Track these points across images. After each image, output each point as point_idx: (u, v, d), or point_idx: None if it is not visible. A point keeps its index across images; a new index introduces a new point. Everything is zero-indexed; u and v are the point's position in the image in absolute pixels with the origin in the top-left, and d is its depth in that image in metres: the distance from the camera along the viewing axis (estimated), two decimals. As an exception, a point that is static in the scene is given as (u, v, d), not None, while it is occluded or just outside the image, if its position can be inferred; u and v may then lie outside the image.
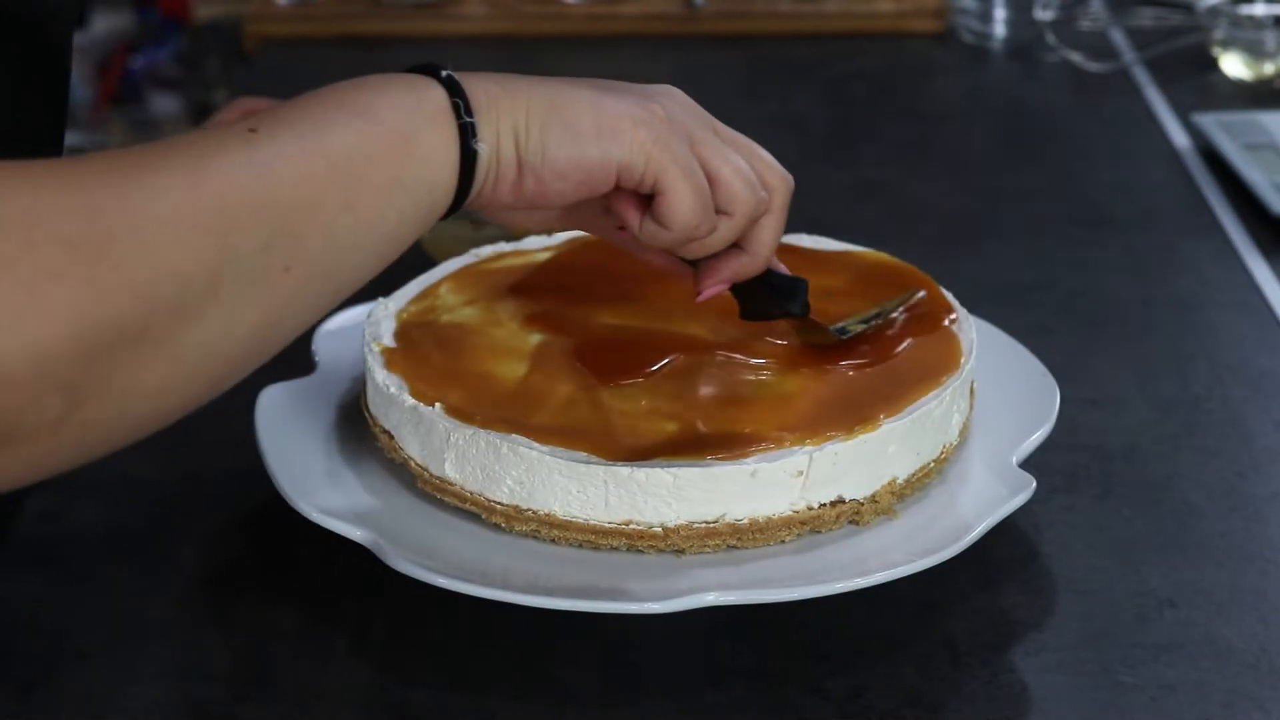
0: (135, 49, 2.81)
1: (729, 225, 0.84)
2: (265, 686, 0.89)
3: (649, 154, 0.81)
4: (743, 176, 0.84)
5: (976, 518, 0.92)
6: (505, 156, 0.79)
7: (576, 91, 0.81)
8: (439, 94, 0.78)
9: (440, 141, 0.77)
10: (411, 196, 0.77)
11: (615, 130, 0.80)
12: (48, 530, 1.01)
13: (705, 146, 0.83)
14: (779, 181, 0.87)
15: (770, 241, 0.88)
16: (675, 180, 0.81)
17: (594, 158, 0.80)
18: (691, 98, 0.87)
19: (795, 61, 1.87)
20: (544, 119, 0.79)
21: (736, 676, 0.89)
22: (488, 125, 0.79)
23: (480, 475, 0.92)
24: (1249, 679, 0.89)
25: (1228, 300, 1.30)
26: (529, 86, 0.80)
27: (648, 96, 0.82)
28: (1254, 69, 1.74)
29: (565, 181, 0.80)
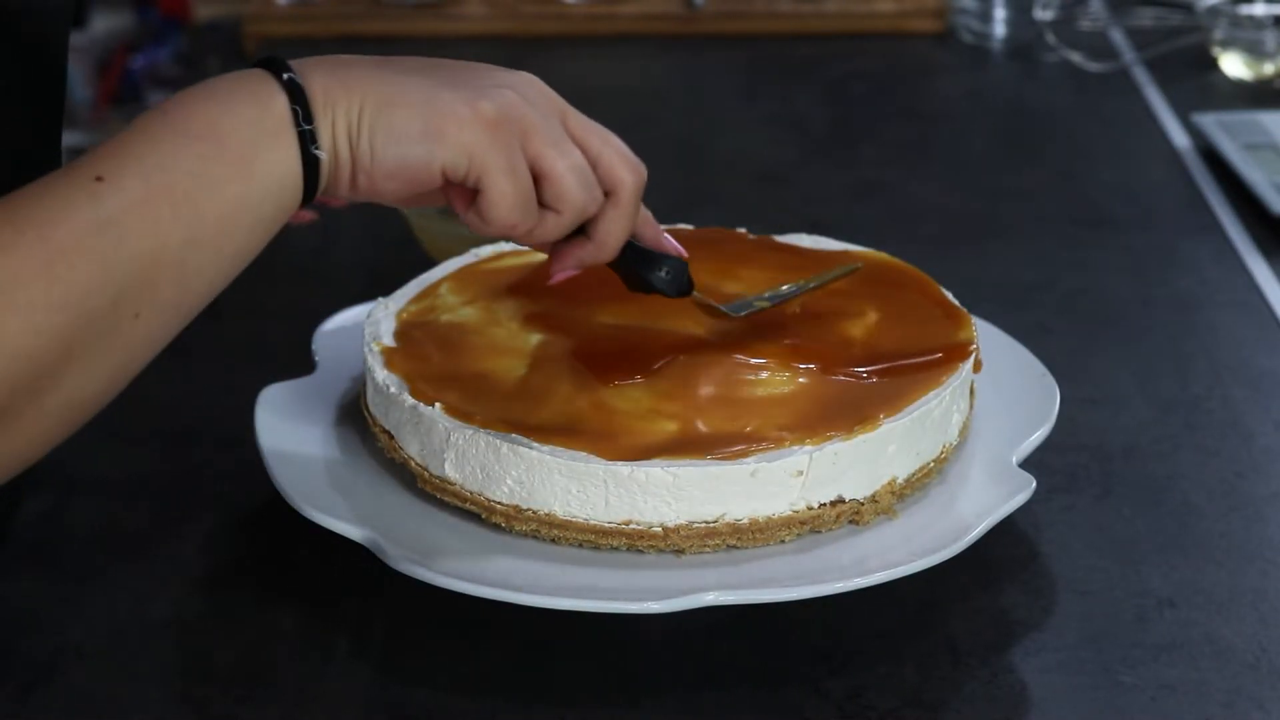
0: (135, 49, 2.81)
1: (557, 221, 0.85)
2: (265, 686, 0.89)
3: (471, 154, 0.82)
4: (575, 174, 0.84)
5: (976, 518, 0.92)
6: (341, 156, 0.81)
7: (410, 89, 0.82)
8: (280, 102, 0.79)
9: (282, 155, 0.79)
10: (255, 212, 0.79)
11: (440, 132, 0.81)
12: (48, 530, 1.01)
13: (539, 142, 0.83)
14: (628, 175, 0.87)
15: (616, 234, 0.88)
16: (494, 180, 0.82)
17: (419, 158, 0.81)
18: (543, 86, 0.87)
19: (795, 61, 1.87)
20: (373, 119, 0.81)
21: (736, 676, 0.89)
22: (324, 126, 0.80)
23: (480, 475, 0.92)
24: (1249, 679, 0.89)
25: (1228, 300, 1.30)
26: (366, 81, 0.81)
27: (480, 93, 0.82)
28: (1254, 69, 1.74)
29: (394, 180, 0.82)
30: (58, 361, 0.74)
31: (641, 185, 0.88)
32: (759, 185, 1.56)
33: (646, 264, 0.93)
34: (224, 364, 1.20)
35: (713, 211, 1.44)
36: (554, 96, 0.86)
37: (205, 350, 1.23)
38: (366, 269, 1.29)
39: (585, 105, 0.85)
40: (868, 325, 1.01)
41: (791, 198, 1.53)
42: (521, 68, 0.86)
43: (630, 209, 0.88)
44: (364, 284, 1.22)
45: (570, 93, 1.96)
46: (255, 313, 1.27)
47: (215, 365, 1.20)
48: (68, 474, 1.05)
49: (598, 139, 0.87)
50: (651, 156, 1.69)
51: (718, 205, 1.50)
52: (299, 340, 1.10)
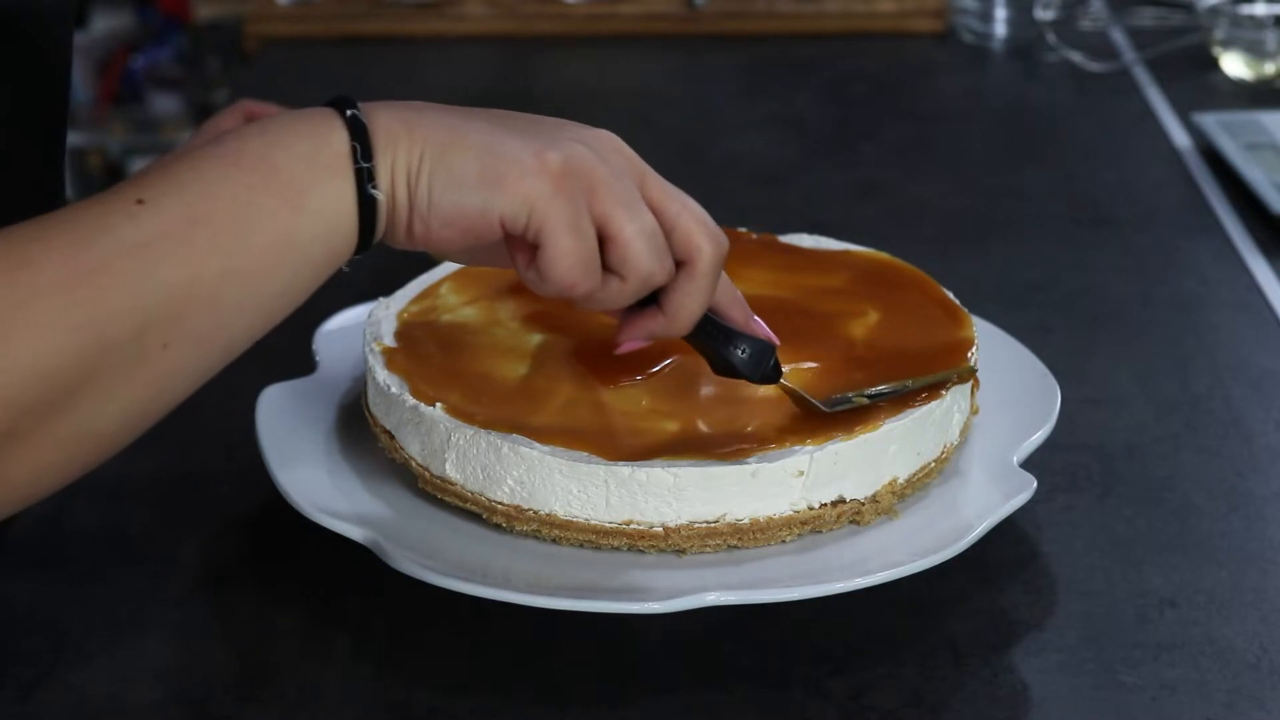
0: (135, 49, 2.81)
1: (620, 287, 0.81)
2: (265, 686, 0.89)
3: (532, 206, 0.78)
4: (644, 239, 0.80)
5: (977, 518, 0.92)
6: (399, 199, 0.78)
7: (474, 134, 0.78)
8: (340, 137, 0.77)
9: (336, 191, 0.76)
10: (303, 252, 0.76)
11: (500, 179, 0.77)
12: (47, 530, 1.01)
13: (609, 202, 0.79)
14: (706, 244, 0.83)
15: (690, 307, 0.83)
16: (554, 236, 0.78)
17: (475, 207, 0.78)
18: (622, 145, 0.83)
19: (795, 61, 1.87)
20: (433, 163, 0.77)
21: (736, 676, 0.89)
22: (384, 166, 0.77)
23: (481, 475, 0.92)
24: (1250, 678, 0.89)
25: (1228, 300, 1.30)
26: (431, 123, 0.78)
27: (551, 143, 0.79)
28: (1254, 69, 1.74)
29: (451, 229, 0.78)
30: (74, 384, 0.71)
31: (722, 257, 0.83)
32: (759, 185, 1.56)
33: (724, 342, 0.88)
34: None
35: (713, 211, 1.43)
36: (633, 157, 0.83)
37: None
38: (367, 269, 1.29)
39: (585, 105, 0.85)
40: (868, 325, 1.01)
41: (791, 198, 1.53)
42: (521, 67, 0.86)
43: (707, 282, 0.83)
44: (364, 284, 1.22)
45: (570, 93, 1.97)
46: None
47: (215, 365, 1.20)
48: (68, 474, 1.05)
49: (676, 204, 0.82)
50: (652, 156, 1.69)
51: (718, 205, 1.49)
52: (299, 340, 1.10)
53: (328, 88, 1.94)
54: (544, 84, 1.82)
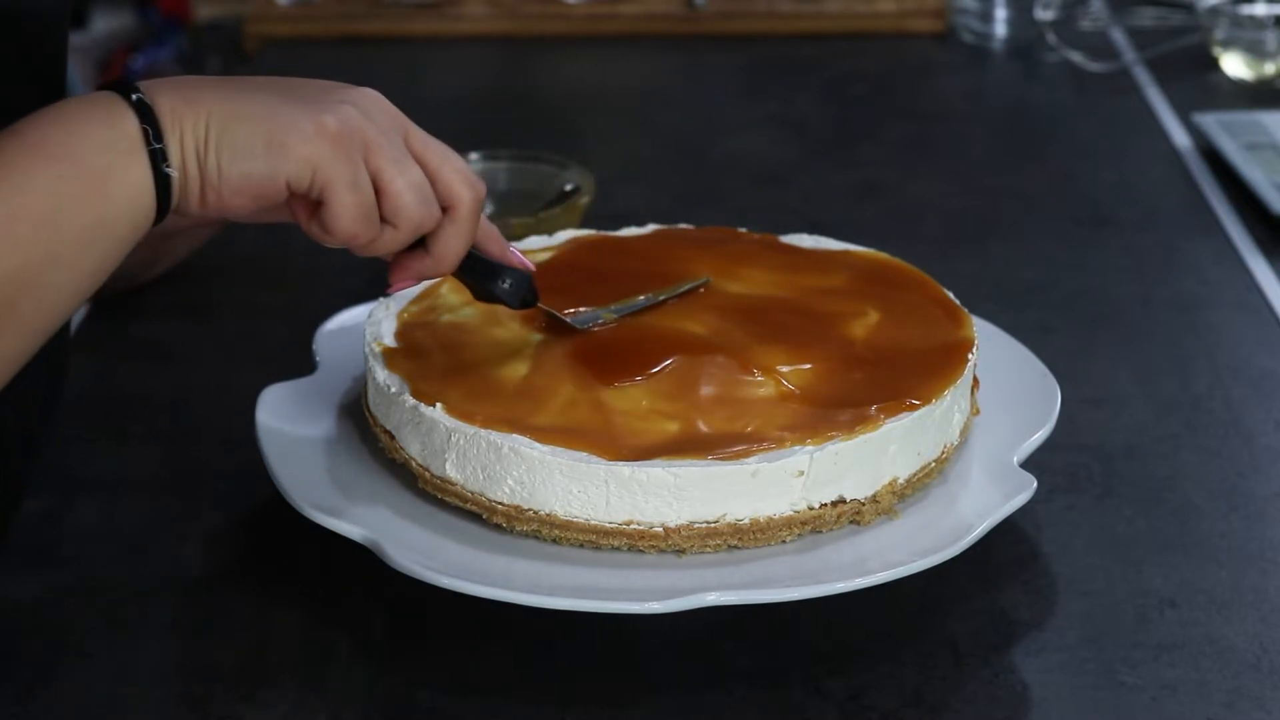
0: (135, 49, 2.81)
1: (394, 235, 0.86)
2: (265, 686, 0.89)
3: (315, 168, 0.83)
4: (413, 190, 0.85)
5: (977, 518, 0.92)
6: (190, 173, 0.82)
7: (254, 104, 0.83)
8: (131, 122, 0.81)
9: (135, 174, 0.81)
10: (113, 233, 0.81)
11: (283, 146, 0.82)
12: (48, 530, 1.01)
13: (380, 158, 0.85)
14: (466, 191, 0.88)
15: (454, 248, 0.89)
16: (337, 193, 0.83)
17: (263, 173, 0.82)
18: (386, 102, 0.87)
19: (795, 61, 1.87)
20: (218, 136, 0.82)
21: (736, 676, 0.89)
22: (174, 144, 0.82)
23: (481, 475, 0.92)
24: (1250, 678, 0.89)
25: (1228, 300, 1.30)
26: (211, 99, 0.83)
27: (323, 107, 0.84)
28: (1254, 69, 1.74)
29: (241, 195, 0.83)
30: None
31: (479, 201, 0.89)
32: (759, 185, 1.56)
33: (489, 276, 0.94)
34: (224, 364, 1.20)
35: (713, 211, 1.44)
36: (396, 113, 0.87)
37: (205, 350, 1.23)
38: (367, 269, 1.29)
39: (585, 105, 0.85)
40: (869, 325, 1.01)
41: (791, 198, 1.53)
42: (521, 68, 0.87)
43: (468, 225, 0.88)
44: (364, 284, 1.22)
45: (570, 93, 1.97)
46: (255, 313, 1.28)
47: (215, 365, 1.20)
48: (68, 474, 1.06)
49: (437, 156, 0.87)
50: (651, 156, 1.70)
51: (718, 205, 1.50)
52: (299, 340, 1.10)
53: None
54: (544, 84, 1.82)
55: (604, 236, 1.13)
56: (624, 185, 1.49)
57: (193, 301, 1.29)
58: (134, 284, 1.27)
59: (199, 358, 1.21)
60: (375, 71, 1.87)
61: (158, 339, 1.24)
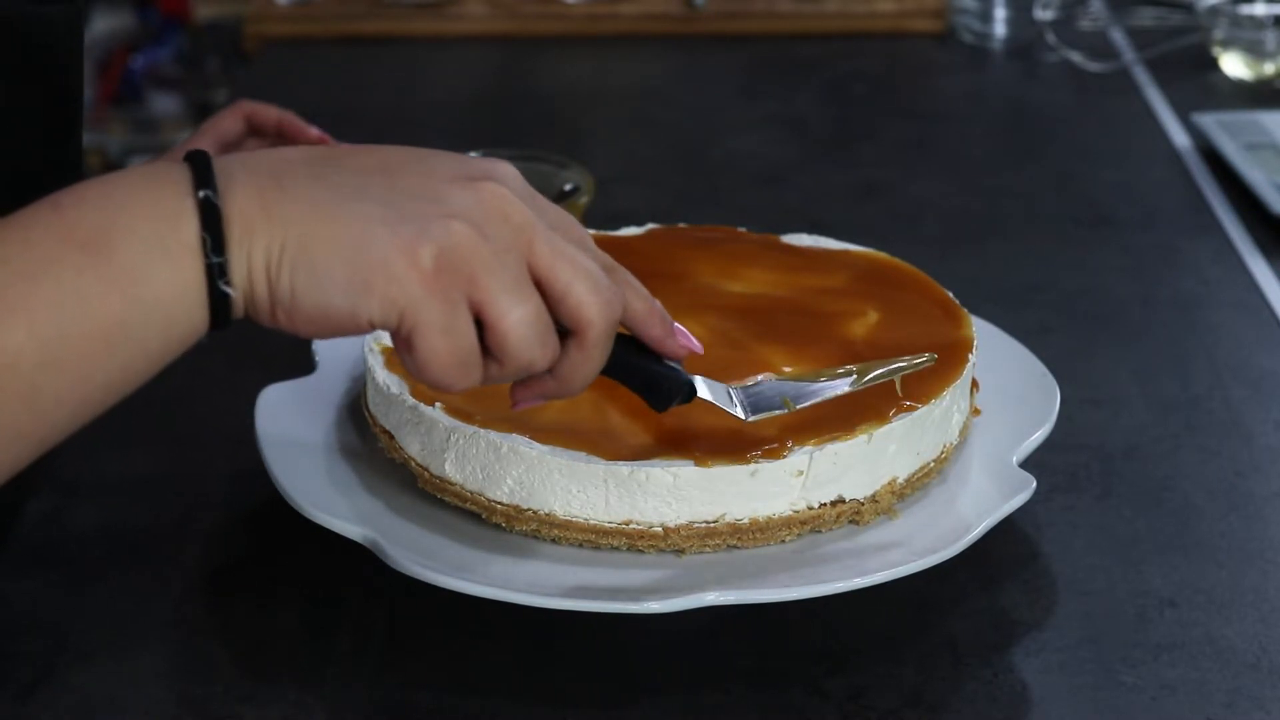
0: (135, 49, 2.81)
1: (499, 371, 0.76)
2: (265, 686, 0.89)
3: (402, 312, 0.72)
4: (526, 327, 0.74)
5: (977, 518, 0.92)
6: (258, 292, 0.72)
7: (343, 223, 0.71)
8: (189, 223, 0.69)
9: (178, 282, 0.70)
10: (138, 343, 0.70)
11: (367, 285, 0.71)
12: (48, 530, 1.01)
13: (489, 289, 0.72)
14: (597, 316, 0.75)
15: (583, 375, 0.78)
16: (426, 340, 0.72)
17: (342, 309, 0.72)
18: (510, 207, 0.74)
19: (795, 61, 1.87)
20: (294, 258, 0.71)
21: (736, 676, 0.89)
22: (239, 259, 0.70)
23: (480, 475, 0.92)
24: (1250, 678, 0.89)
25: (1228, 300, 1.30)
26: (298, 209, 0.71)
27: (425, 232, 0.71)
28: (1254, 69, 1.74)
29: (316, 326, 0.72)
30: None
31: (615, 323, 0.77)
32: (759, 185, 1.56)
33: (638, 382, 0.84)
34: (224, 364, 1.20)
35: (713, 211, 1.44)
36: (522, 219, 0.74)
37: (205, 350, 1.22)
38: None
39: (585, 105, 0.84)
40: (868, 325, 1.01)
41: (791, 198, 1.53)
42: (522, 68, 0.86)
43: (598, 352, 0.77)
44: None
45: (570, 93, 1.96)
46: (255, 313, 1.27)
47: (215, 365, 1.20)
48: (68, 474, 1.06)
49: (568, 270, 0.75)
50: (652, 156, 1.70)
51: (718, 205, 1.50)
52: (299, 340, 1.10)
53: (328, 88, 1.95)
54: (544, 84, 1.82)
55: (604, 236, 1.13)
56: (624, 185, 1.49)
57: (192, 301, 1.29)
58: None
59: (199, 358, 1.21)
60: (375, 72, 1.87)
61: (157, 339, 1.24)
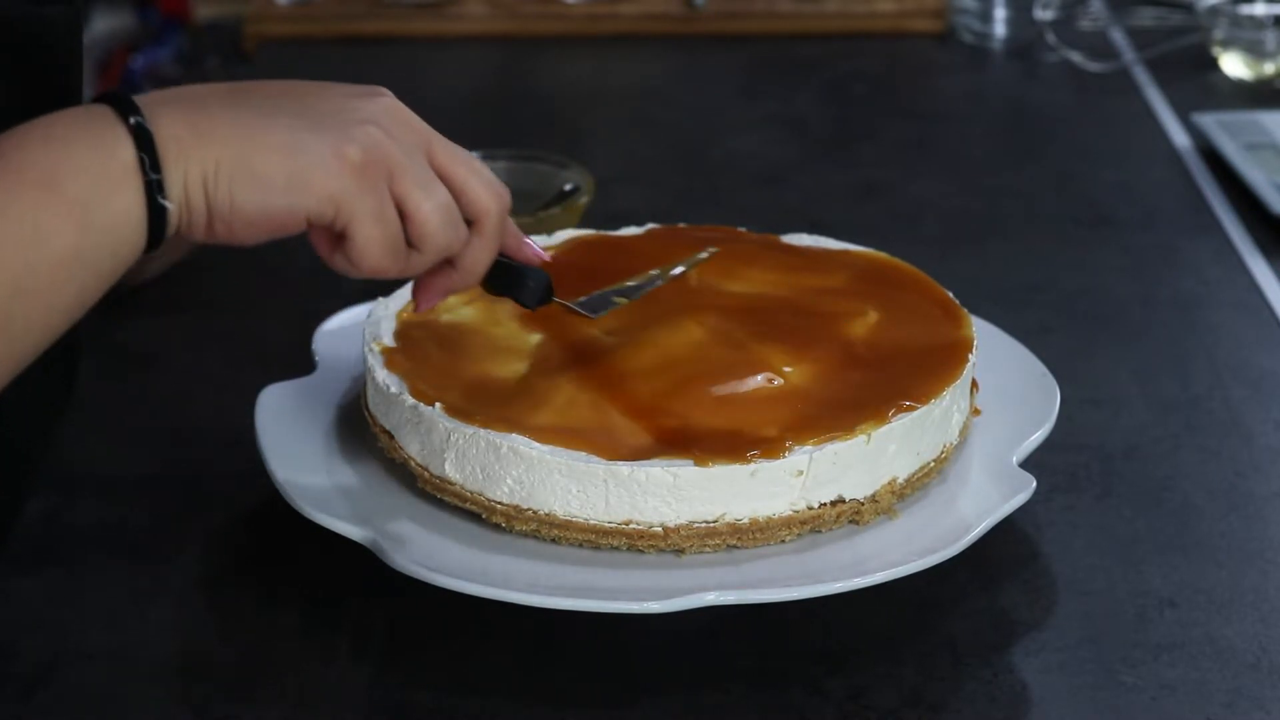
0: (135, 49, 2.81)
1: (420, 260, 0.83)
2: (265, 686, 0.89)
3: (338, 204, 0.79)
4: (441, 213, 0.82)
5: (977, 517, 0.92)
6: (195, 205, 0.77)
7: (271, 132, 0.78)
8: (126, 149, 0.75)
9: (124, 204, 0.75)
10: (91, 267, 0.75)
11: (305, 182, 0.78)
12: (48, 530, 1.01)
13: (405, 182, 0.81)
14: (493, 204, 0.84)
15: (482, 261, 0.86)
16: (362, 227, 0.80)
17: (282, 208, 0.78)
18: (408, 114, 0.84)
19: (795, 61, 1.87)
20: (232, 169, 0.77)
21: (736, 676, 0.89)
22: (175, 176, 0.76)
23: (480, 475, 0.92)
24: (1249, 678, 0.89)
25: (1228, 300, 1.30)
26: (225, 130, 0.77)
27: (346, 134, 0.79)
28: (1254, 69, 1.74)
29: (255, 229, 0.78)
30: None
31: (505, 211, 0.86)
32: (759, 185, 1.56)
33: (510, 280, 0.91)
34: (224, 364, 1.20)
35: (713, 211, 1.44)
36: (419, 125, 0.83)
37: (205, 350, 1.23)
38: (366, 269, 1.29)
39: (585, 105, 0.85)
40: (868, 325, 1.01)
41: (791, 198, 1.53)
42: (522, 68, 0.86)
43: (495, 236, 0.86)
44: (364, 284, 1.22)
45: (570, 93, 1.96)
46: (255, 313, 1.28)
47: (215, 365, 1.20)
48: (68, 474, 1.05)
49: (463, 169, 0.84)
50: (652, 156, 1.70)
51: (718, 205, 1.50)
52: (299, 340, 1.10)
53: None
54: (544, 84, 1.82)
55: (603, 236, 1.13)
56: (624, 185, 1.49)
57: (192, 301, 1.29)
58: (131, 283, 1.27)
59: (199, 358, 1.22)
60: (375, 71, 1.87)
61: (157, 339, 1.24)
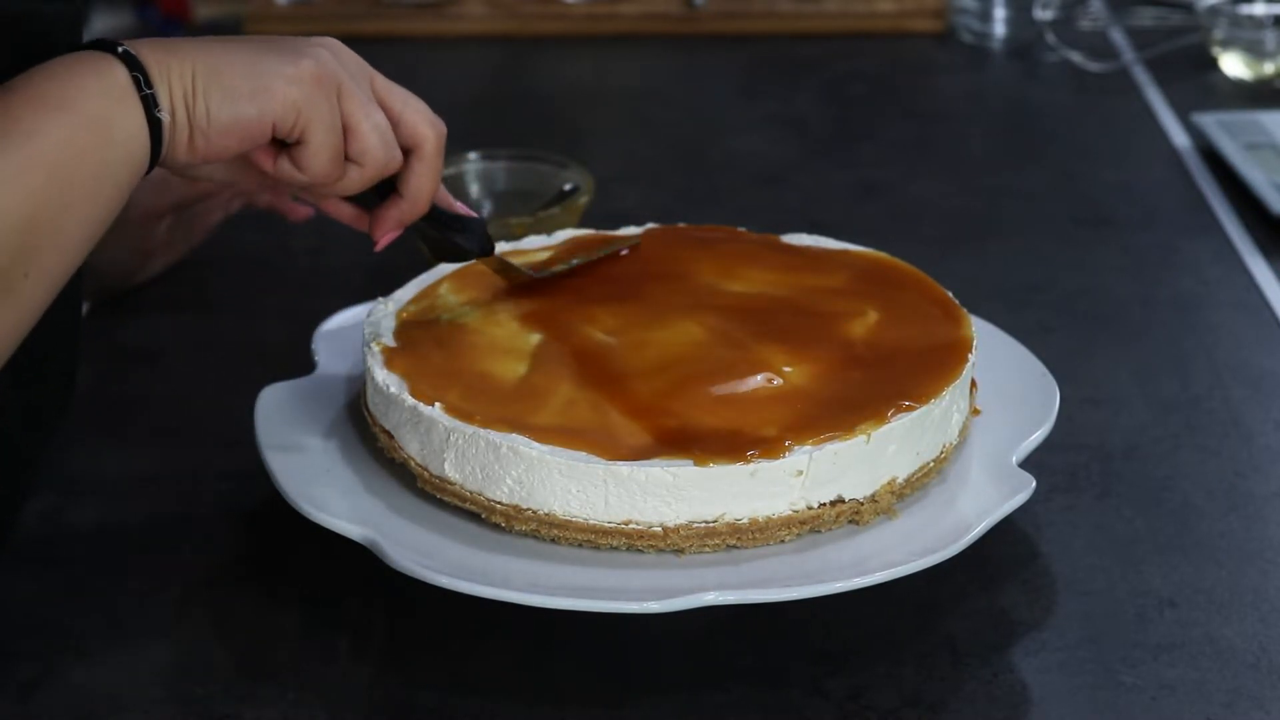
0: (135, 49, 2.80)
1: (360, 174, 0.90)
2: (265, 686, 0.89)
3: (299, 109, 0.87)
4: (379, 133, 0.90)
5: (976, 517, 0.92)
6: (179, 120, 0.86)
7: (235, 53, 0.87)
8: (121, 72, 0.84)
9: (132, 119, 0.84)
10: (115, 177, 0.84)
11: (269, 90, 0.86)
12: (48, 530, 1.01)
13: (350, 100, 0.89)
14: (428, 130, 0.92)
15: (426, 186, 0.93)
16: (315, 134, 0.88)
17: (251, 115, 0.86)
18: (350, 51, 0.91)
19: (795, 61, 1.87)
20: (206, 83, 0.86)
21: (736, 676, 0.89)
22: (162, 91, 0.85)
23: (480, 475, 0.92)
24: (1249, 678, 0.89)
25: (1228, 300, 1.30)
26: (193, 50, 0.86)
27: (300, 53, 0.88)
28: (1254, 69, 1.74)
29: (229, 138, 0.87)
30: None
31: (442, 140, 0.93)
32: (759, 185, 1.56)
33: (450, 227, 0.98)
34: (224, 364, 1.20)
35: (713, 211, 1.44)
36: (361, 60, 0.91)
37: (205, 350, 1.23)
38: (366, 269, 1.29)
39: (585, 105, 0.85)
40: (868, 325, 1.01)
41: (791, 198, 1.53)
42: (522, 68, 0.87)
43: (434, 162, 0.93)
44: (364, 284, 1.22)
45: (570, 93, 1.96)
46: (255, 313, 1.28)
47: (215, 365, 1.20)
48: (68, 474, 1.06)
49: (400, 99, 0.92)
50: (652, 156, 1.70)
51: (718, 205, 1.50)
52: (299, 340, 1.10)
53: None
54: (544, 84, 1.82)
55: (603, 236, 1.13)
56: (623, 185, 1.49)
57: (192, 301, 1.29)
58: (130, 283, 1.27)
59: (199, 358, 1.22)
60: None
61: (157, 339, 1.24)
